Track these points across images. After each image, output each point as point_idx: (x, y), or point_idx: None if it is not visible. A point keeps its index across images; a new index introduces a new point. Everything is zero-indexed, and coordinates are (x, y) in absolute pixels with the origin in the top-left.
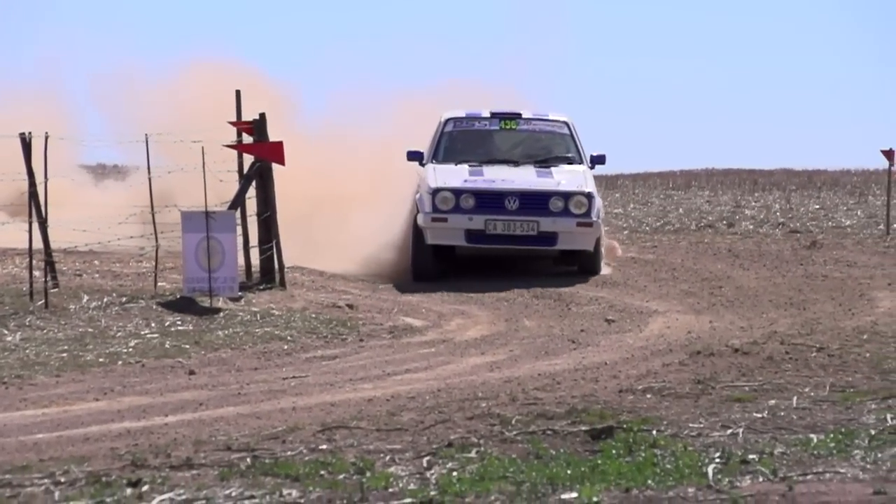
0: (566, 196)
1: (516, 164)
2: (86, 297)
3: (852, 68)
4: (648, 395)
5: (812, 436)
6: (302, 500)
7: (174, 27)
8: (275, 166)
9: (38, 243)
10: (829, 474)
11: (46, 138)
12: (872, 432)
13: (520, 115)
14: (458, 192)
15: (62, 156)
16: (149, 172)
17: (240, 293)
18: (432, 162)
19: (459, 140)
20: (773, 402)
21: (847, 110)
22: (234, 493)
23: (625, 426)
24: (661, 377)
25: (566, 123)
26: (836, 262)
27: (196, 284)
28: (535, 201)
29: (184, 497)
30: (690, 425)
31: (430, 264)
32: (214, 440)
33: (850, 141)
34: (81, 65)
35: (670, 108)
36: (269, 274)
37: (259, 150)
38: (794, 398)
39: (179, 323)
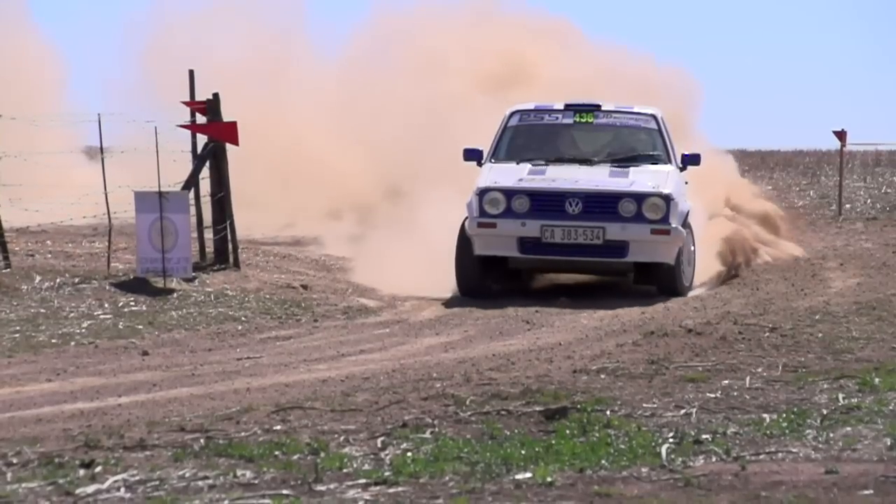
0: (639, 198)
1: (590, 163)
2: (38, 278)
3: (805, 50)
4: (602, 376)
5: (765, 416)
6: (256, 481)
7: None
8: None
9: None
10: (782, 454)
11: None
12: (824, 412)
13: (598, 106)
14: (509, 193)
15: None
16: (101, 153)
17: (193, 274)
18: (491, 161)
19: (525, 136)
20: (726, 382)
21: (800, 91)
22: (187, 474)
23: (579, 406)
24: (615, 358)
25: (654, 117)
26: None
27: (149, 265)
28: (601, 204)
29: (137, 478)
30: (644, 405)
31: (479, 279)
32: (168, 421)
33: (803, 122)
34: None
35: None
36: (223, 254)
37: (212, 131)
38: (747, 378)
39: (133, 303)
